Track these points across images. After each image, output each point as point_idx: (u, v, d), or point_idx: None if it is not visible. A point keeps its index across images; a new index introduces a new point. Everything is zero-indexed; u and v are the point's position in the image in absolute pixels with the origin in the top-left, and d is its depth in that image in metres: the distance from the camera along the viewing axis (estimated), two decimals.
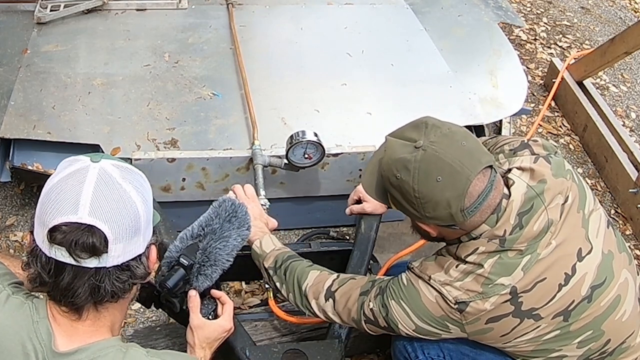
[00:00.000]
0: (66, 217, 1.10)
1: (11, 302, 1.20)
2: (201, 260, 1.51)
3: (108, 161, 1.18)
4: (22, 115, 2.33)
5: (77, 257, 1.10)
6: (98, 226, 1.10)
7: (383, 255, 2.35)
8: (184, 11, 3.01)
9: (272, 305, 1.88)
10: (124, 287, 1.17)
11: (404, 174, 1.35)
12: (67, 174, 1.15)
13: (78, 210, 1.10)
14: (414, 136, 1.37)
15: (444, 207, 1.33)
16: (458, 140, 1.35)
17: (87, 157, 1.18)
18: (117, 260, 1.14)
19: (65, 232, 1.10)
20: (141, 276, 1.20)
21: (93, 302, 1.17)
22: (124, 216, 1.13)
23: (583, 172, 3.12)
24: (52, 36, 2.74)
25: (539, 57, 3.89)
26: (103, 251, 1.11)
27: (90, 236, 1.09)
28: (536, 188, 1.41)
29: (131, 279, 1.18)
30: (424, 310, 1.44)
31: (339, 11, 3.14)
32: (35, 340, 1.15)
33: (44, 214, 1.12)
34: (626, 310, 1.48)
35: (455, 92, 2.70)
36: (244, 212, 1.59)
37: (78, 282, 1.13)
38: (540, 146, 1.52)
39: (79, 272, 1.12)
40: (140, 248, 1.19)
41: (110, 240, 1.11)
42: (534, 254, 1.38)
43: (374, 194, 1.50)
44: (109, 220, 1.11)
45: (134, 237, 1.15)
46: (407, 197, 1.37)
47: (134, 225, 1.14)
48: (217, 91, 2.56)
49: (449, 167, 1.32)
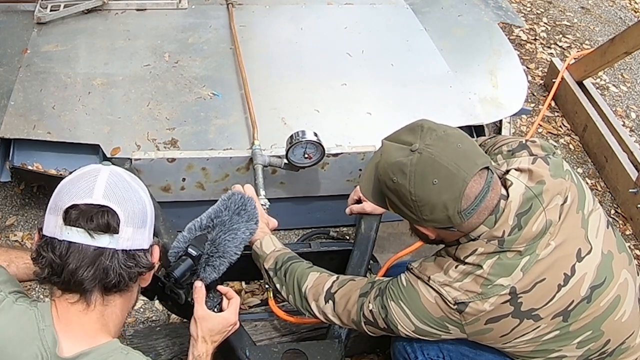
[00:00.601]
0: (81, 200, 1.18)
1: (15, 309, 1.20)
2: (209, 251, 1.51)
3: (117, 168, 1.27)
4: (22, 115, 2.33)
5: (92, 232, 1.17)
6: (112, 207, 1.18)
7: (383, 255, 2.35)
8: (184, 11, 3.01)
9: (272, 305, 1.88)
10: (129, 275, 1.22)
11: (401, 178, 1.35)
12: (80, 173, 1.24)
13: (93, 194, 1.18)
14: (409, 139, 1.38)
15: (441, 209, 1.33)
16: (453, 143, 1.35)
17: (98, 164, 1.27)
18: (126, 243, 1.20)
19: (81, 209, 1.17)
20: (145, 265, 1.25)
21: (101, 289, 1.20)
22: (134, 203, 1.22)
23: (583, 172, 3.13)
24: (52, 36, 2.74)
25: (539, 57, 3.89)
26: (115, 230, 1.18)
27: (104, 214, 1.17)
28: (535, 189, 1.41)
29: (136, 267, 1.23)
30: (424, 311, 1.44)
31: (339, 11, 3.14)
32: (41, 347, 1.16)
33: (58, 201, 1.20)
34: (626, 311, 1.48)
35: (455, 92, 2.70)
36: (253, 206, 1.60)
37: (88, 262, 1.17)
38: (539, 147, 1.52)
39: (89, 252, 1.17)
40: (146, 242, 1.25)
41: (122, 222, 1.19)
42: (533, 254, 1.38)
43: (372, 198, 1.51)
44: (121, 203, 1.20)
45: (141, 227, 1.23)
46: (404, 200, 1.37)
47: (142, 215, 1.23)
48: (217, 91, 2.56)
49: (445, 170, 1.32)
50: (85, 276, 1.17)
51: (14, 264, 1.45)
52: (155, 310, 2.26)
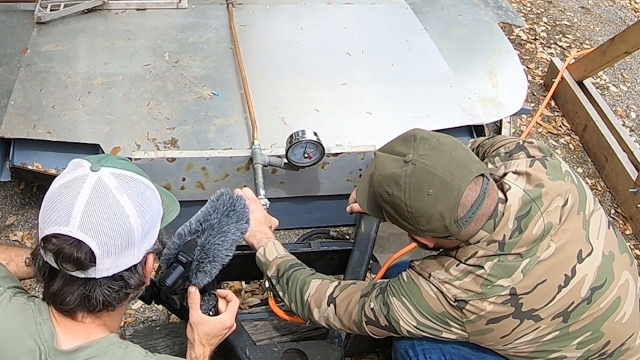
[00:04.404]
0: (58, 228, 1.11)
1: (13, 304, 1.21)
2: (199, 257, 1.49)
3: (109, 170, 1.17)
4: (22, 115, 2.33)
5: (64, 268, 1.13)
6: (86, 241, 1.11)
7: (383, 255, 2.35)
8: (184, 11, 3.01)
9: (272, 305, 1.88)
10: (117, 297, 1.18)
11: (395, 190, 1.35)
12: (67, 181, 1.16)
13: (69, 222, 1.11)
14: (403, 150, 1.37)
15: (438, 219, 1.33)
16: (447, 152, 1.35)
17: (90, 163, 1.17)
18: (107, 272, 1.15)
19: (55, 243, 1.12)
20: (135, 286, 1.20)
21: (87, 311, 1.18)
22: (114, 231, 1.13)
23: (583, 172, 3.13)
24: (52, 36, 2.74)
25: (539, 56, 3.89)
26: (89, 265, 1.12)
27: (76, 250, 1.11)
28: (533, 192, 1.40)
29: (124, 288, 1.19)
30: (425, 305, 1.44)
31: (339, 11, 3.15)
32: (38, 341, 1.16)
33: (42, 221, 1.15)
34: (626, 312, 1.48)
35: (455, 92, 2.70)
36: (242, 205, 1.57)
37: (68, 289, 1.15)
38: (536, 148, 1.52)
39: (70, 279, 1.14)
40: (135, 259, 1.19)
41: (98, 256, 1.12)
42: (534, 257, 1.38)
43: (368, 210, 1.51)
44: (98, 235, 1.11)
45: (126, 250, 1.16)
46: (400, 212, 1.37)
47: (125, 240, 1.14)
48: (217, 91, 2.57)
49: (439, 180, 1.32)
50: (68, 299, 1.15)
51: (14, 262, 1.45)
52: (155, 310, 2.26)
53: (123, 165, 1.21)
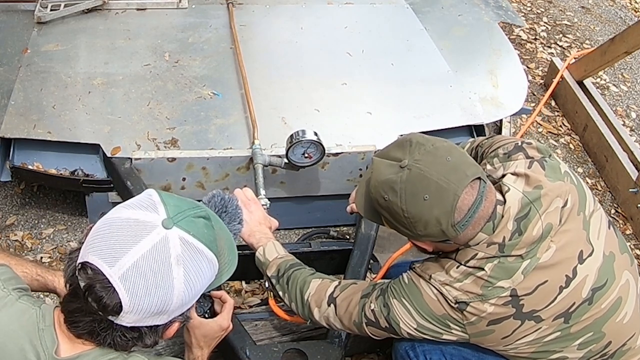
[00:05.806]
0: (101, 263, 1.06)
1: (17, 306, 1.20)
2: None
3: (179, 232, 1.10)
4: (22, 115, 2.33)
5: (87, 300, 1.08)
6: (120, 293, 1.05)
7: (383, 254, 2.35)
8: (184, 11, 3.01)
9: (272, 305, 1.88)
10: (126, 345, 1.14)
11: (392, 196, 1.35)
12: (135, 219, 1.10)
13: (114, 265, 1.06)
14: (398, 155, 1.37)
15: (435, 224, 1.33)
16: (442, 156, 1.35)
17: (165, 213, 1.11)
18: (126, 324, 1.10)
19: (90, 276, 1.07)
20: (149, 344, 1.15)
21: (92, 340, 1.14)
22: (152, 298, 1.07)
23: (583, 171, 3.12)
24: (52, 36, 2.74)
25: (539, 56, 3.89)
26: (112, 314, 1.08)
27: (107, 296, 1.06)
28: (532, 194, 1.40)
29: (136, 340, 1.13)
30: (426, 307, 1.44)
31: (339, 11, 3.14)
32: (39, 347, 1.15)
33: (90, 242, 1.10)
34: (627, 313, 1.48)
35: (455, 91, 2.70)
36: (235, 206, 1.55)
37: (82, 317, 1.11)
38: (535, 149, 1.51)
39: (88, 309, 1.10)
40: (160, 322, 1.14)
41: (125, 310, 1.07)
42: (534, 258, 1.38)
43: (366, 215, 1.51)
44: (135, 295, 1.06)
45: (155, 315, 1.10)
46: (397, 217, 1.37)
47: (157, 309, 1.09)
48: (217, 91, 2.57)
49: (435, 185, 1.31)
50: (75, 324, 1.12)
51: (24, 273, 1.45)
52: None
53: (197, 230, 1.13)
